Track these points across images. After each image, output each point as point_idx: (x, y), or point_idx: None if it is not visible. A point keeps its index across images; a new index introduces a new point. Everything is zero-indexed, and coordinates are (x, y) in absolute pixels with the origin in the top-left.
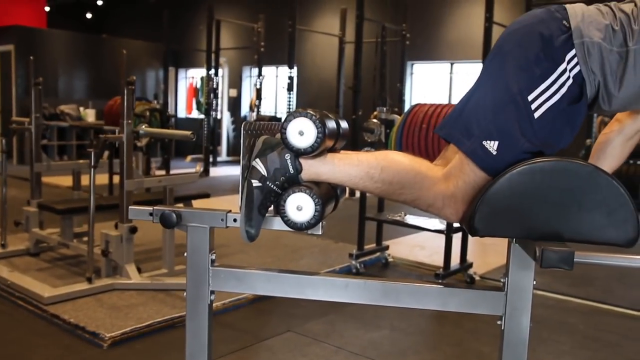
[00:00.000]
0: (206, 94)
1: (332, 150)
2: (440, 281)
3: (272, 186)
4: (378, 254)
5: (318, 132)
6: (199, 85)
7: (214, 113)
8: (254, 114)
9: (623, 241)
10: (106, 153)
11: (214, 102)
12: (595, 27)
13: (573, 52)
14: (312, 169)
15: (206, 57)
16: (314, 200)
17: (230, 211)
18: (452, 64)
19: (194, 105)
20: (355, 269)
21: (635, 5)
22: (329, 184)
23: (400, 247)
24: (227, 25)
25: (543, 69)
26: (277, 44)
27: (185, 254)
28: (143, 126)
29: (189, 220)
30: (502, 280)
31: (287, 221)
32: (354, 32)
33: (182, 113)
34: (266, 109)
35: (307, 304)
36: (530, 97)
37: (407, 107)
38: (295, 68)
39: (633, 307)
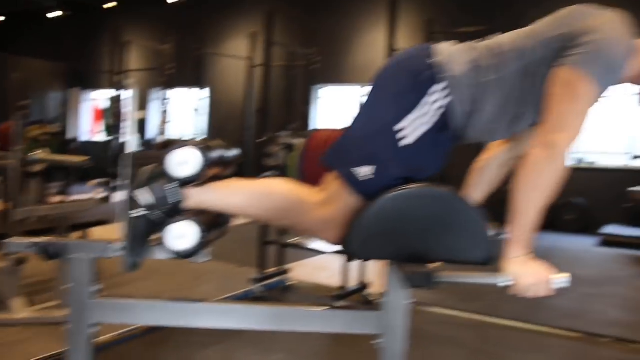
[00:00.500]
0: (112, 117)
1: (219, 178)
2: (325, 304)
3: (156, 215)
4: (279, 277)
5: (200, 162)
6: (106, 107)
7: (119, 136)
8: (161, 136)
9: (480, 261)
10: None
11: (120, 124)
12: (459, 62)
13: (439, 85)
14: (195, 197)
15: (111, 79)
16: (196, 229)
17: (113, 241)
18: (359, 87)
19: (101, 128)
20: (256, 293)
21: (496, 41)
22: (214, 211)
23: (303, 270)
24: (136, 47)
25: (411, 101)
26: (187, 66)
27: (68, 286)
28: (38, 152)
29: (71, 251)
30: (381, 300)
31: (170, 249)
32: (263, 56)
33: (86, 135)
34: (176, 132)
35: (205, 331)
36: (398, 127)
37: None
38: (207, 90)
39: (517, 319)
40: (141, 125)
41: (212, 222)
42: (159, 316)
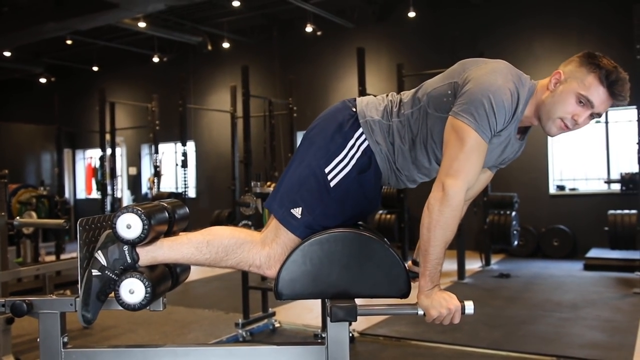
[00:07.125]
0: (102, 175)
1: (170, 233)
2: (271, 341)
3: (111, 275)
4: (265, 320)
5: (144, 224)
6: (98, 165)
7: (114, 192)
8: (153, 191)
9: (398, 294)
10: None
11: (114, 181)
12: (375, 109)
13: (360, 130)
14: (148, 255)
15: (99, 138)
16: (144, 284)
17: (78, 297)
18: None
19: (94, 186)
20: (242, 337)
21: (410, 94)
22: (166, 265)
23: (290, 312)
24: (122, 105)
25: (336, 146)
26: (175, 121)
27: (38, 340)
28: (19, 216)
29: (40, 307)
30: (322, 334)
31: (122, 303)
32: (242, 108)
33: (82, 194)
34: (166, 185)
35: None
36: (327, 169)
37: None
38: (193, 143)
39: (491, 347)
40: (134, 181)
41: (159, 276)
42: None
